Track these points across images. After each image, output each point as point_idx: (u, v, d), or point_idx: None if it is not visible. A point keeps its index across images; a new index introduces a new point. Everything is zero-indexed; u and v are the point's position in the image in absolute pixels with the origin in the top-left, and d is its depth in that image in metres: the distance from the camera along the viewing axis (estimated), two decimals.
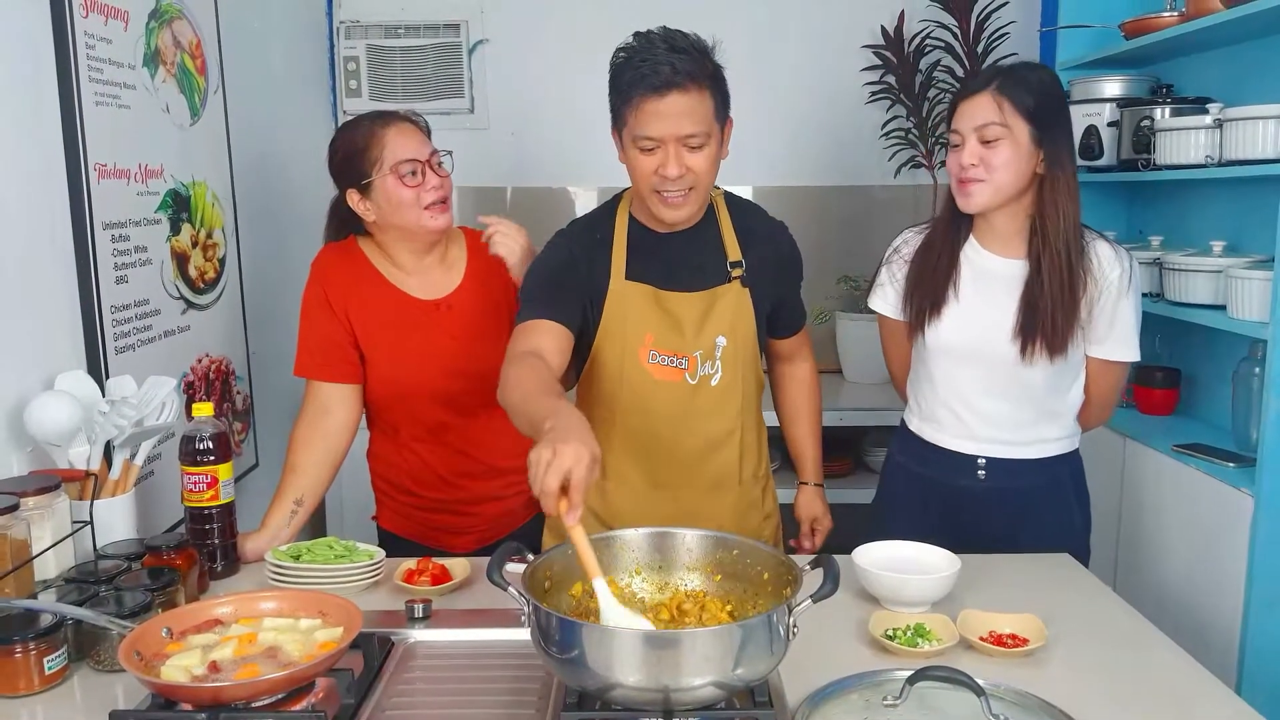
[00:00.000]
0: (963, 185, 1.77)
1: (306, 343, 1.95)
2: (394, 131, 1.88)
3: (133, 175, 2.03)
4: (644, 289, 1.76)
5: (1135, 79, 2.73)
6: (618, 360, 1.77)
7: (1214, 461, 2.24)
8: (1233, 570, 2.13)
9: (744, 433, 1.84)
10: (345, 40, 3.45)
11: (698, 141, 1.64)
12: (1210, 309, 2.30)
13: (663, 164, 1.64)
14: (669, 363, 1.77)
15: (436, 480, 2.01)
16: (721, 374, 1.79)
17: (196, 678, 1.21)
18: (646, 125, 1.63)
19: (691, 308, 1.77)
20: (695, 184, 1.67)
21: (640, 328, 1.76)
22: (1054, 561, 1.79)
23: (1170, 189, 2.75)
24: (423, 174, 1.88)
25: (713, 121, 1.65)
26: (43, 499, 1.51)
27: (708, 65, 1.64)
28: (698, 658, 1.14)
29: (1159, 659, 1.45)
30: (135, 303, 2.02)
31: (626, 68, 1.64)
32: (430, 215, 1.90)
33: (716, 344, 1.78)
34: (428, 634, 1.48)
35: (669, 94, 1.60)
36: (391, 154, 1.86)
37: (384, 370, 1.94)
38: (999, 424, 1.86)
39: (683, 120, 1.62)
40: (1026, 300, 1.78)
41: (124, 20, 2.00)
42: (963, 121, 1.76)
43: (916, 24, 3.28)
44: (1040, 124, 1.72)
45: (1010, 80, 1.74)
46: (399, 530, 2.08)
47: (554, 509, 1.22)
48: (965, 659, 1.42)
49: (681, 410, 1.79)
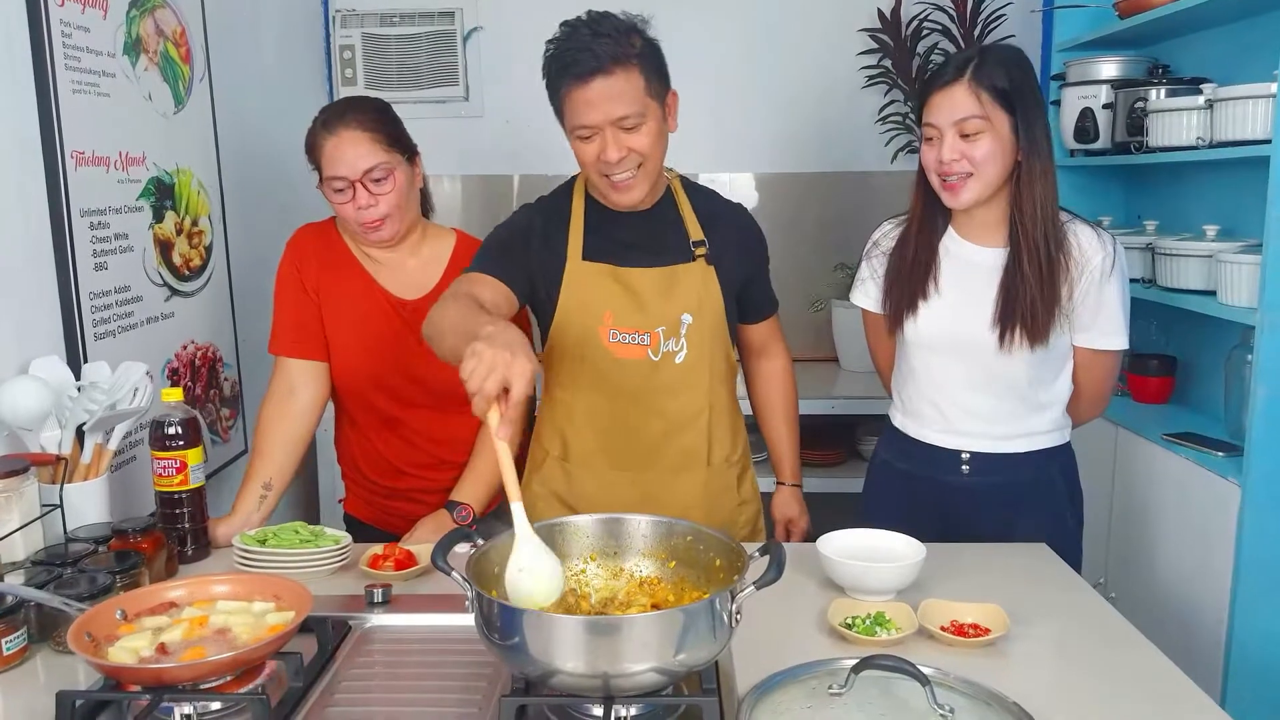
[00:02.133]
0: (947, 186, 1.72)
1: (280, 320, 1.95)
2: (332, 144, 1.83)
3: (112, 162, 2.04)
4: (601, 268, 1.76)
5: (1132, 60, 2.68)
6: (578, 341, 1.77)
7: (1203, 451, 2.21)
8: (1221, 561, 2.10)
9: (713, 414, 1.83)
10: (341, 29, 3.45)
11: (632, 122, 1.64)
12: (1202, 295, 2.27)
13: (603, 149, 1.65)
14: (630, 340, 1.76)
15: (390, 469, 2.02)
16: (687, 351, 1.78)
17: (144, 659, 1.22)
18: (579, 114, 1.64)
19: (652, 282, 1.76)
20: (641, 162, 1.67)
21: (599, 307, 1.75)
22: (1029, 551, 1.76)
23: (1165, 172, 2.70)
24: (353, 192, 1.83)
25: (646, 99, 1.65)
26: (11, 482, 1.52)
27: (634, 44, 1.64)
28: (636, 644, 1.13)
29: (1124, 652, 1.42)
30: (115, 289, 2.03)
31: (553, 60, 1.66)
32: (365, 231, 1.87)
33: (681, 321, 1.77)
34: (386, 619, 1.48)
35: (594, 80, 1.61)
36: (326, 167, 1.85)
37: (344, 359, 1.94)
38: (982, 417, 1.82)
39: (612, 104, 1.62)
40: (1005, 288, 1.74)
41: (102, 9, 2.01)
42: (939, 115, 1.70)
43: (913, 6, 3.23)
44: (1018, 111, 1.68)
45: (984, 68, 1.67)
46: (362, 515, 2.09)
47: (484, 413, 1.20)
48: (924, 648, 1.40)
49: (645, 388, 1.78)
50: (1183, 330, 2.63)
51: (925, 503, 1.87)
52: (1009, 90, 1.67)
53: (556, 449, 1.86)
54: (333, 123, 1.85)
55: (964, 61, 1.70)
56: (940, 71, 1.72)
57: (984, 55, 1.70)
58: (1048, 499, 1.85)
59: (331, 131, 1.84)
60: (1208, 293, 2.25)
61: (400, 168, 1.87)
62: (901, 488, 1.92)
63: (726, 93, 3.40)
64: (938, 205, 1.79)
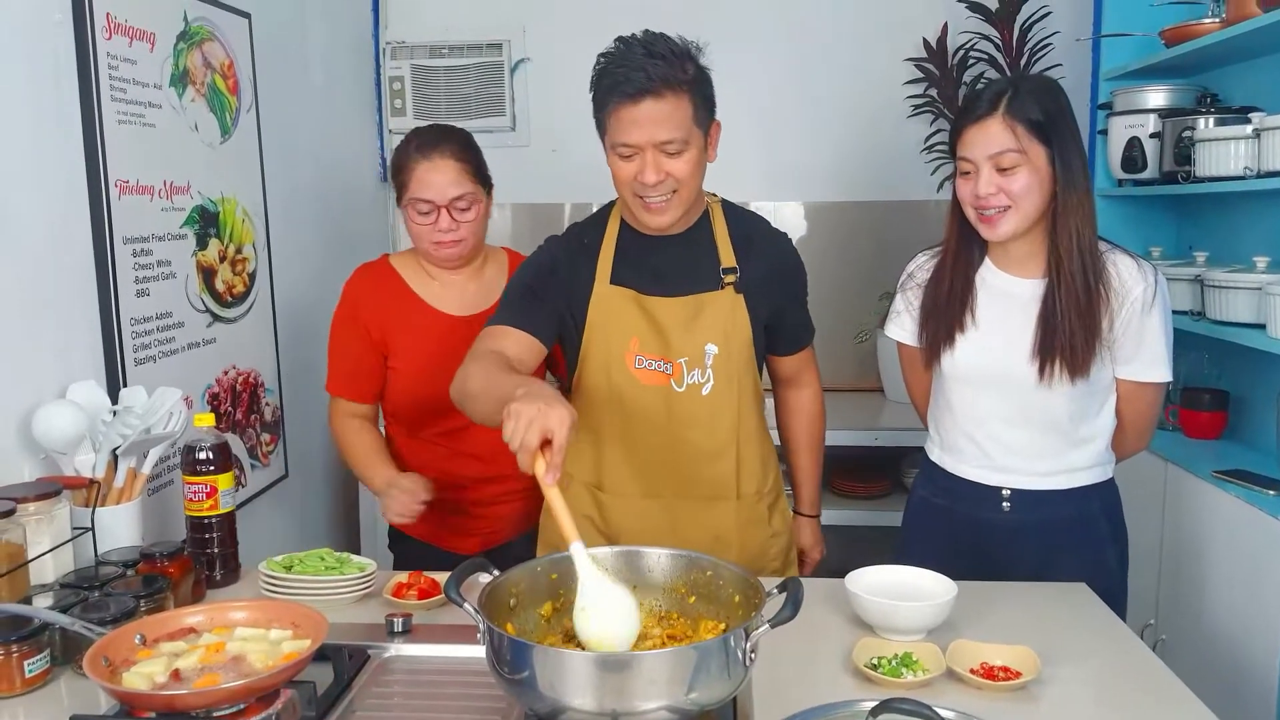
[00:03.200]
0: (984, 218, 1.69)
1: (335, 365, 2.08)
2: (424, 168, 1.93)
3: (156, 191, 2.08)
4: (626, 293, 1.76)
5: (1181, 89, 2.63)
6: (604, 365, 1.77)
7: (1254, 489, 2.13)
8: (1273, 602, 2.01)
9: (741, 446, 1.80)
10: (391, 60, 3.52)
11: (675, 148, 1.63)
12: (1251, 328, 2.19)
13: (641, 170, 1.64)
14: (654, 367, 1.76)
15: (449, 481, 2.04)
16: (713, 383, 1.76)
17: (157, 685, 1.22)
18: (623, 132, 1.63)
19: (673, 314, 1.75)
20: (676, 188, 1.67)
21: (625, 332, 1.75)
22: (1067, 592, 1.70)
23: (1215, 202, 2.63)
24: (436, 215, 1.94)
25: (691, 127, 1.64)
26: (43, 505, 1.55)
27: (686, 70, 1.63)
28: (645, 681, 1.11)
29: (1163, 703, 1.36)
30: (157, 315, 2.08)
31: (603, 75, 1.65)
32: (437, 249, 1.98)
33: (706, 351, 1.75)
34: (405, 648, 1.48)
35: (643, 100, 1.60)
36: (415, 189, 1.94)
37: (407, 377, 2.02)
38: (1022, 453, 1.77)
39: (658, 127, 1.61)
40: (1044, 319, 1.70)
41: (150, 41, 2.06)
42: (974, 149, 1.67)
43: (959, 36, 3.20)
44: (1054, 143, 1.64)
45: (1018, 100, 1.64)
46: (406, 527, 2.09)
47: (530, 466, 1.24)
48: (951, 691, 1.36)
49: (669, 417, 1.77)
50: (1235, 364, 2.54)
51: (964, 540, 1.82)
52: (1044, 122, 1.63)
53: (588, 476, 1.84)
54: (427, 148, 1.94)
55: (997, 94, 1.66)
56: (973, 105, 1.69)
57: (1017, 87, 1.67)
58: (1089, 537, 1.79)
59: (425, 156, 1.93)
60: (1257, 326, 2.17)
61: (481, 199, 1.99)
62: (941, 524, 1.87)
63: (774, 121, 3.40)
64: (974, 236, 1.76)
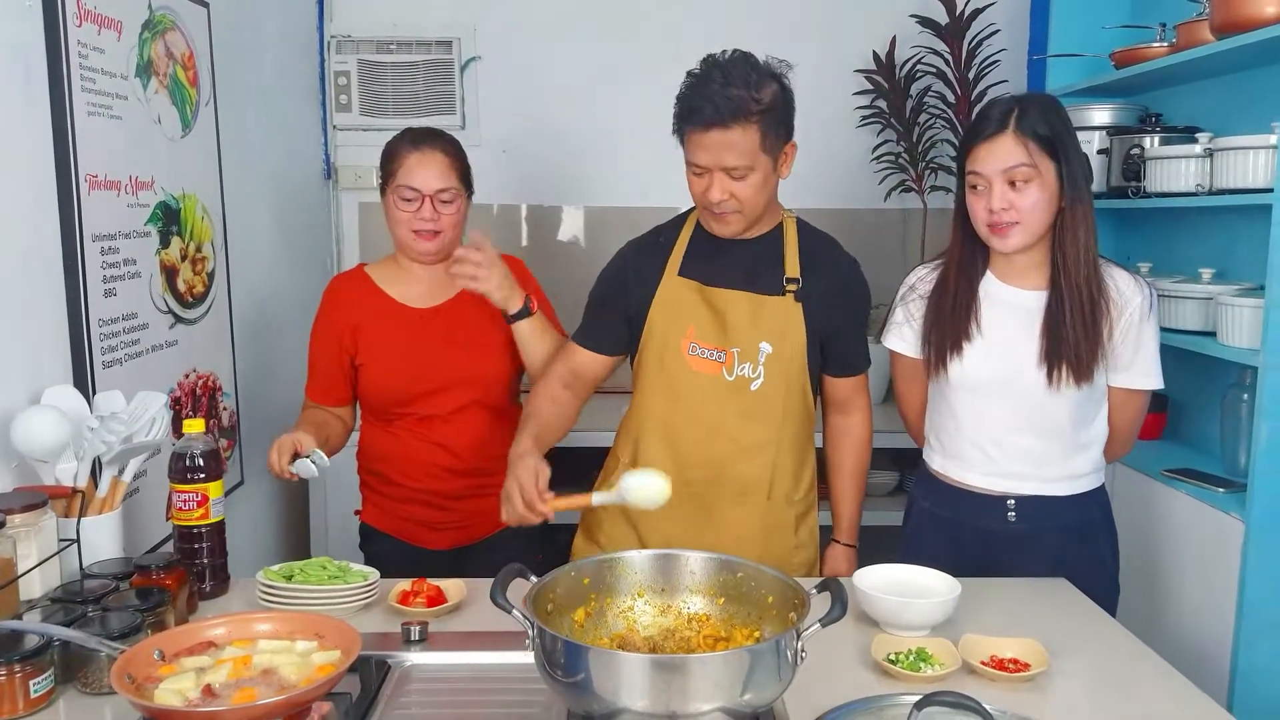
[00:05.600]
0: (996, 230, 1.74)
1: (313, 370, 2.13)
2: (415, 158, 2.00)
3: (123, 187, 2.00)
4: (692, 284, 1.85)
5: (1124, 108, 2.76)
6: (659, 350, 1.85)
7: (1204, 487, 2.25)
8: (1223, 596, 2.14)
9: (780, 449, 1.85)
10: (336, 55, 3.43)
11: (740, 173, 1.73)
12: (1199, 335, 2.32)
13: (708, 188, 1.75)
14: (707, 355, 1.83)
15: (420, 471, 2.08)
16: (763, 380, 1.82)
17: (191, 701, 1.18)
18: (693, 154, 1.74)
19: (736, 305, 1.82)
20: (739, 209, 1.77)
21: (683, 320, 1.84)
22: (1051, 586, 1.78)
23: (1160, 216, 2.78)
24: (420, 204, 2.00)
25: (758, 154, 1.72)
26: (29, 516, 1.47)
27: (761, 100, 1.70)
28: (707, 683, 1.12)
29: (1160, 683, 1.45)
30: (124, 316, 1.99)
31: (683, 99, 1.74)
32: (416, 239, 2.03)
33: (760, 349, 1.82)
34: (425, 657, 1.45)
35: (711, 130, 1.69)
36: (402, 176, 2.01)
37: (376, 370, 2.06)
38: (1027, 458, 1.82)
39: (724, 154, 1.71)
40: (1048, 329, 1.76)
41: (117, 30, 1.97)
42: (986, 165, 1.72)
43: (908, 49, 3.30)
44: (1061, 158, 1.71)
45: (1026, 117, 1.70)
46: (378, 524, 2.15)
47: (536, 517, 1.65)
48: (968, 683, 1.40)
49: (716, 406, 1.82)
50: (1175, 369, 2.68)
51: (969, 551, 1.86)
52: (1052, 137, 1.70)
53: (627, 456, 1.90)
54: (420, 141, 2.03)
55: (1005, 112, 1.72)
56: (982, 124, 1.74)
57: (1024, 105, 1.73)
58: (1091, 542, 1.87)
59: (417, 147, 2.01)
60: (1206, 333, 2.30)
61: (463, 198, 2.07)
62: (945, 535, 1.90)
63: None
64: (977, 247, 1.82)
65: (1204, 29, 2.24)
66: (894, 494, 3.27)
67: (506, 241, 3.51)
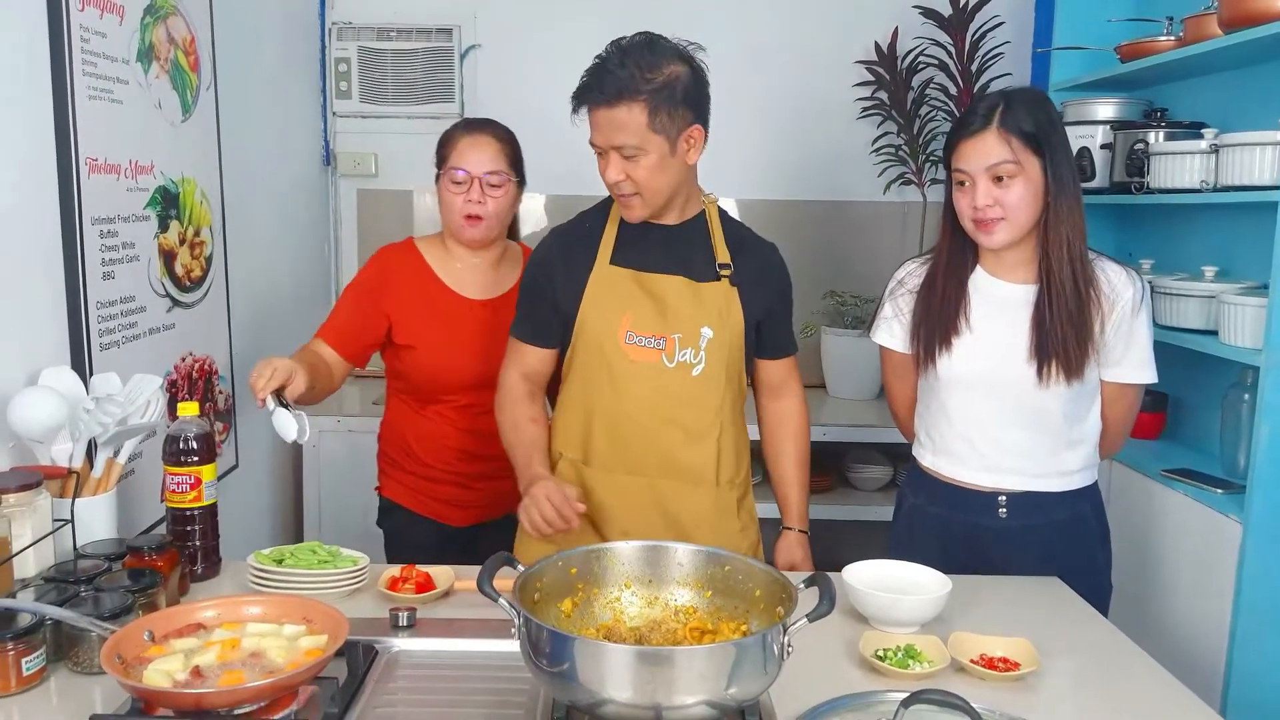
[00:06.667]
0: (981, 225, 1.74)
1: (337, 315, 2.12)
2: (467, 142, 2.07)
3: (123, 171, 2.00)
4: (625, 273, 1.83)
5: (1129, 102, 2.74)
6: (596, 342, 1.82)
7: (1202, 487, 2.24)
8: (1220, 596, 2.13)
9: (723, 433, 1.84)
10: (337, 41, 3.43)
11: (629, 153, 1.71)
12: (1201, 334, 2.31)
13: (606, 168, 1.76)
14: (645, 343, 1.81)
15: (452, 455, 2.15)
16: (705, 365, 1.81)
17: (179, 683, 1.18)
18: (591, 133, 1.76)
19: (674, 291, 1.81)
20: (637, 191, 1.75)
21: (618, 309, 1.81)
22: (1042, 584, 1.78)
23: (1162, 213, 2.76)
24: (469, 186, 2.05)
25: (647, 134, 1.70)
26: (24, 496, 1.48)
27: (649, 81, 1.68)
28: (692, 676, 1.12)
29: (1151, 685, 1.44)
30: (121, 299, 1.99)
31: (582, 77, 1.75)
32: (463, 224, 2.08)
33: (701, 334, 1.80)
34: (412, 643, 1.46)
35: (599, 108, 1.72)
36: (454, 159, 2.07)
37: (424, 355, 2.10)
38: (1018, 453, 1.82)
39: (613, 133, 1.71)
40: (1037, 324, 1.76)
41: (119, 14, 1.97)
42: (970, 161, 1.72)
43: (910, 40, 3.27)
44: (1046, 153, 1.70)
45: (1011, 113, 1.70)
46: (401, 500, 2.20)
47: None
48: (956, 682, 1.40)
49: (658, 394, 1.80)
50: (1175, 367, 2.67)
51: (959, 547, 1.86)
52: (1036, 133, 1.69)
53: (574, 451, 1.87)
54: (474, 126, 2.11)
55: (990, 108, 1.72)
56: (967, 119, 1.74)
57: (1010, 100, 1.72)
58: (1082, 539, 1.86)
59: (470, 132, 2.09)
60: (1208, 332, 2.29)
61: (512, 185, 2.10)
62: (934, 532, 1.90)
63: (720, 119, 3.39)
64: (966, 242, 1.81)
65: (1212, 23, 2.22)
66: (886, 489, 3.26)
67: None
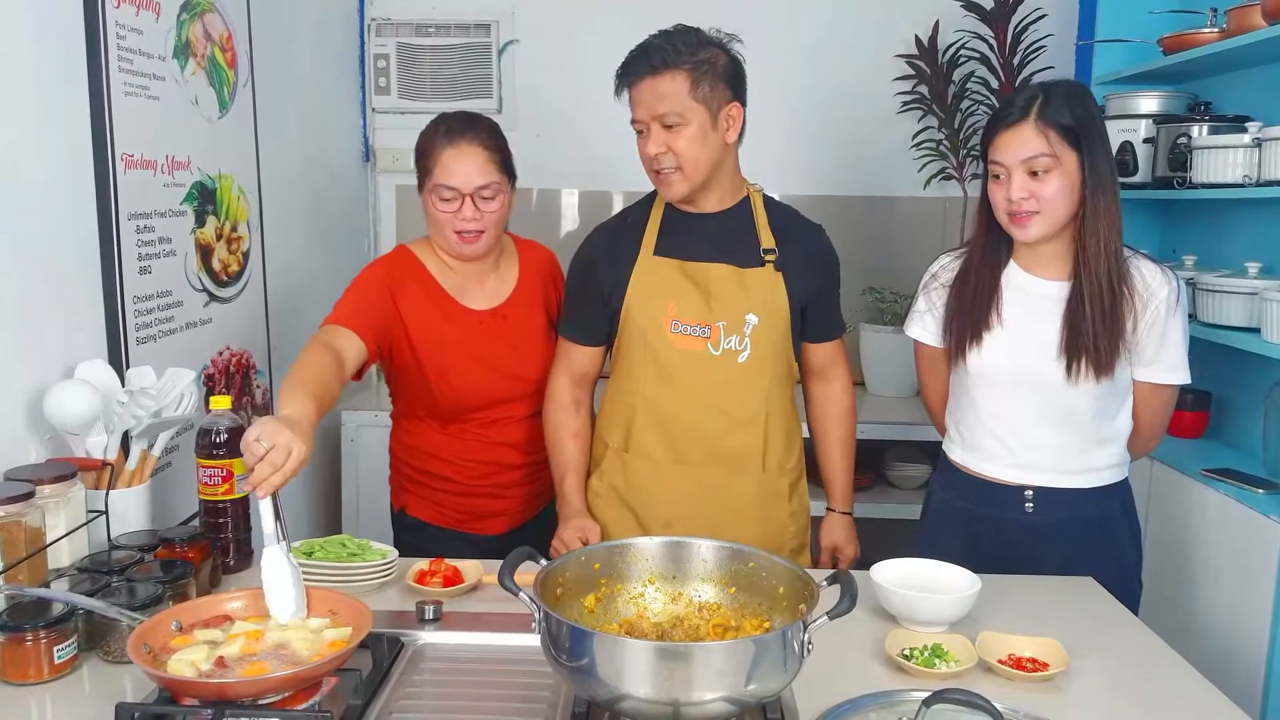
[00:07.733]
0: (1015, 219, 1.71)
1: (351, 295, 1.90)
2: (450, 155, 1.86)
3: (159, 166, 2.03)
4: (670, 262, 1.85)
5: (1172, 95, 2.68)
6: (641, 331, 1.84)
7: (1243, 488, 2.19)
8: (1260, 599, 2.08)
9: (770, 419, 1.86)
10: (376, 37, 3.46)
11: (671, 120, 1.73)
12: (1243, 331, 2.26)
13: (647, 143, 1.77)
14: (691, 332, 1.83)
15: (483, 469, 2.03)
16: (750, 352, 1.82)
17: (203, 673, 1.20)
18: (632, 109, 1.78)
19: (720, 279, 1.82)
20: (679, 163, 1.76)
21: (663, 299, 1.83)
22: (1075, 584, 1.75)
23: (1205, 208, 2.70)
24: (460, 203, 1.87)
25: (689, 102, 1.73)
26: (59, 487, 1.51)
27: (692, 52, 1.73)
28: (710, 672, 1.12)
29: (1182, 688, 1.41)
30: (158, 293, 2.02)
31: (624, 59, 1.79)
32: (459, 242, 1.91)
33: (746, 320, 1.82)
34: (437, 636, 1.47)
35: (643, 79, 1.74)
36: (439, 175, 1.87)
37: (441, 375, 1.96)
38: (1046, 450, 1.79)
39: (655, 102, 1.73)
40: (1069, 320, 1.73)
41: (155, 12, 2.00)
42: (1006, 154, 1.69)
43: (951, 34, 3.23)
44: (1084, 148, 1.67)
45: (1050, 106, 1.67)
46: (427, 517, 2.06)
47: None
48: (984, 682, 1.38)
49: (703, 382, 1.82)
50: (1217, 365, 2.62)
51: (986, 541, 1.84)
52: (1075, 127, 1.66)
53: (617, 440, 1.91)
54: (455, 134, 1.88)
55: (1029, 100, 1.69)
56: (1005, 111, 1.71)
57: (1048, 93, 1.69)
58: (1110, 536, 1.83)
59: (452, 142, 1.87)
60: (1250, 329, 2.24)
61: (505, 190, 1.93)
62: (962, 526, 1.88)
63: (759, 113, 3.38)
64: (1001, 237, 1.79)
65: (1256, 14, 2.17)
66: (924, 488, 3.22)
67: (546, 227, 3.50)
